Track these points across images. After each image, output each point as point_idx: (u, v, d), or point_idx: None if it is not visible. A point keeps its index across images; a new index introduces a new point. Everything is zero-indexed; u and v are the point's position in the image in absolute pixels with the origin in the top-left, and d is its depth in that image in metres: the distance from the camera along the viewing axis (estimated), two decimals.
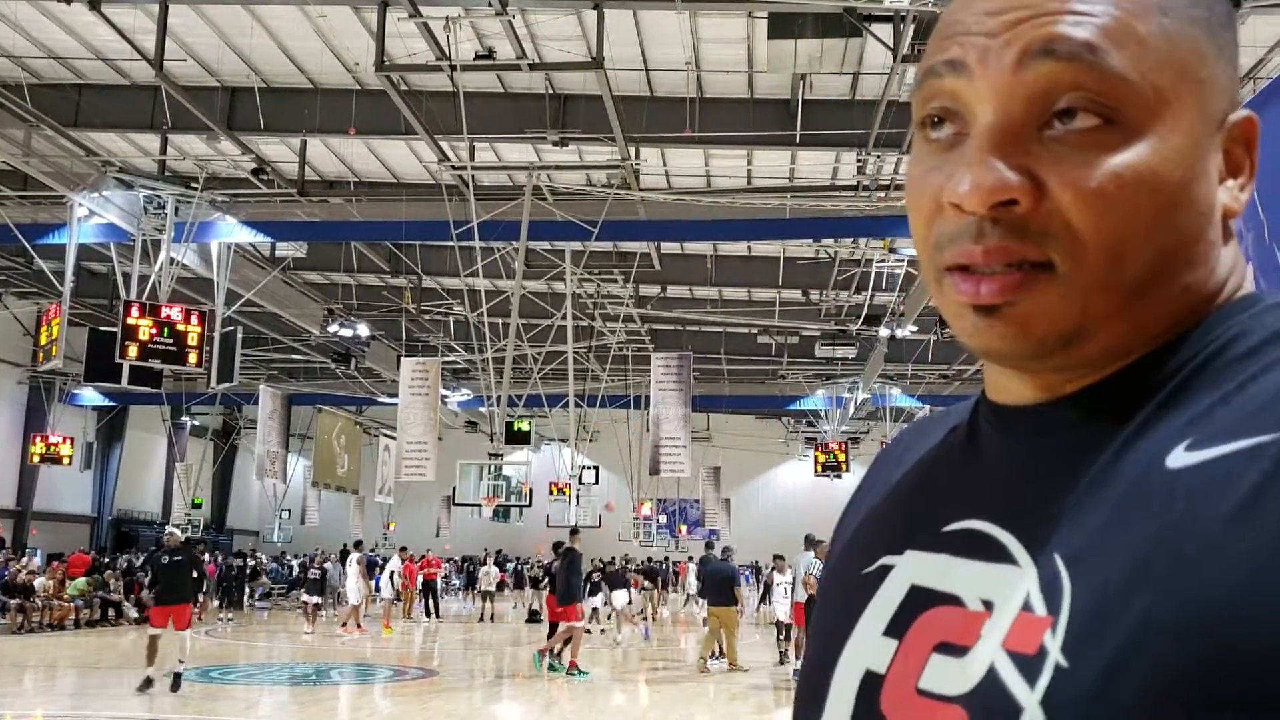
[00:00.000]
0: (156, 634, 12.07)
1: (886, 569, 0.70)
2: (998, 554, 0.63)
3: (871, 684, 0.66)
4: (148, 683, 12.02)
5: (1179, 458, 0.57)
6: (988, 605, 0.61)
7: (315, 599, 22.47)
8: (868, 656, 0.67)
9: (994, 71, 0.62)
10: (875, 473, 0.85)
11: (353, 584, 21.96)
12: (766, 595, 19.38)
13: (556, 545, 15.88)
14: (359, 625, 21.58)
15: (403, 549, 27.20)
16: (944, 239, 0.64)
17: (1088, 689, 0.54)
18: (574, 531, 15.70)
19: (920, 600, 0.66)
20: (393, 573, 24.12)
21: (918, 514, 0.72)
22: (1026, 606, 0.59)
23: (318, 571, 23.15)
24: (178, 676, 12.07)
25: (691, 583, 28.25)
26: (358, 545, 24.16)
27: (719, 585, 15.76)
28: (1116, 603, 0.55)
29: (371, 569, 25.10)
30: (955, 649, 0.61)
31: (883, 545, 0.72)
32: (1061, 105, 0.61)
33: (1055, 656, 0.56)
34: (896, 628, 0.66)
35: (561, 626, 14.83)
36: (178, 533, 13.81)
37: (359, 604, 21.83)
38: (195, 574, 13.11)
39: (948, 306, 0.65)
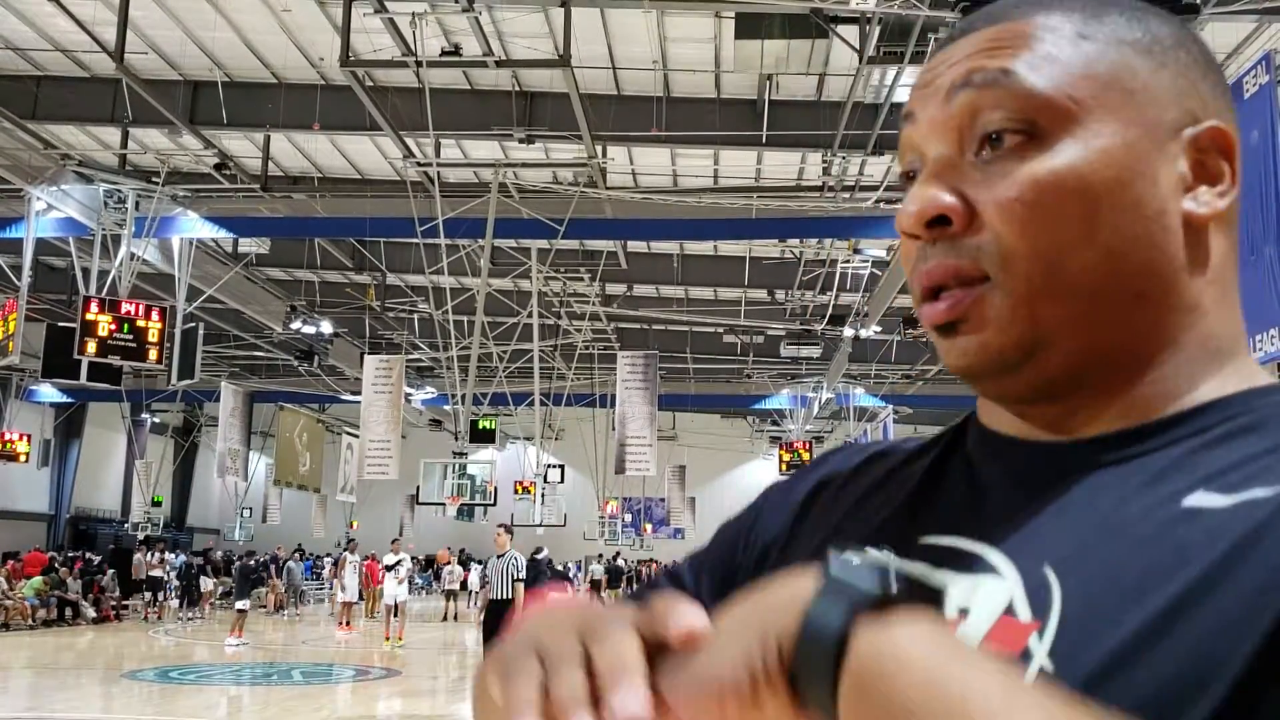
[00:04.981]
0: None
1: None
2: (979, 566, 0.63)
3: None
4: None
5: (1197, 499, 0.58)
6: (963, 612, 0.61)
7: (242, 604, 19.54)
8: None
9: (929, 112, 0.67)
10: (787, 495, 0.81)
11: (350, 582, 22.13)
12: None
13: None
14: (347, 623, 21.69)
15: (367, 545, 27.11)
16: (909, 271, 0.68)
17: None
18: None
19: None
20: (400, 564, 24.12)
21: (886, 527, 0.71)
22: (1010, 611, 0.59)
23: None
24: None
25: None
26: (350, 544, 24.25)
27: None
28: (1111, 613, 0.55)
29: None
30: None
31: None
32: (989, 129, 0.64)
33: (1041, 660, 0.56)
34: None
35: None
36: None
37: (355, 601, 22.15)
38: None
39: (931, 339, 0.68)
